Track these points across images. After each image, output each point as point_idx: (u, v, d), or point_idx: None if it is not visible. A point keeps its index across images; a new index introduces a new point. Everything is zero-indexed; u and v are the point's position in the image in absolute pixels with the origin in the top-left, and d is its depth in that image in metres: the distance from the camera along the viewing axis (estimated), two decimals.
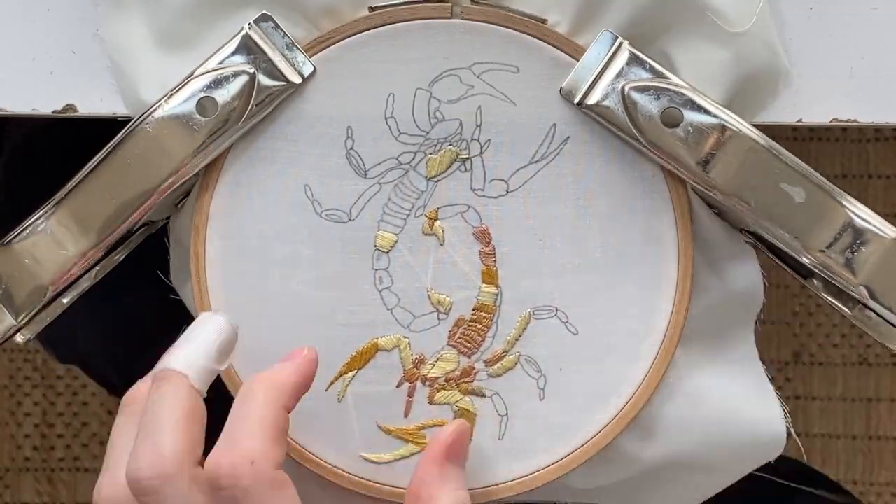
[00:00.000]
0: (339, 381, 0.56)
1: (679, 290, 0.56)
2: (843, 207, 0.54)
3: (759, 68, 0.54)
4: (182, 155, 0.54)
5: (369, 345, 0.56)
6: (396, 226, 0.56)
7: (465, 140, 0.55)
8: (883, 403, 1.20)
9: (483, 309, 0.56)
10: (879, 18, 0.56)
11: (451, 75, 0.55)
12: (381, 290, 0.56)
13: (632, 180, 0.55)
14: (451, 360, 0.56)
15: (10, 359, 1.24)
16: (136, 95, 0.55)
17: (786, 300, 1.19)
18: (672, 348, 0.56)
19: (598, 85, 0.54)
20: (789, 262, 0.56)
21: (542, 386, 0.56)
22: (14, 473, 1.24)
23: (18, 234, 0.55)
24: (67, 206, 0.55)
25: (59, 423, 1.24)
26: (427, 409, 0.56)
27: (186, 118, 0.54)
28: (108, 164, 0.54)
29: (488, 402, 0.56)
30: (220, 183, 0.56)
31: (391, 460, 0.57)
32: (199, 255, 0.56)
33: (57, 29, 0.56)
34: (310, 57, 0.55)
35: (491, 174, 0.55)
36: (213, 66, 0.54)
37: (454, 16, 0.54)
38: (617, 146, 0.55)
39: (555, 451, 0.56)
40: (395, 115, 0.55)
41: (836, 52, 0.56)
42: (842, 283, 0.54)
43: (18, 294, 0.55)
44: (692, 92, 0.54)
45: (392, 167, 0.55)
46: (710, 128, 0.53)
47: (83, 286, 0.57)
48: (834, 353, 1.19)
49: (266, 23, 0.54)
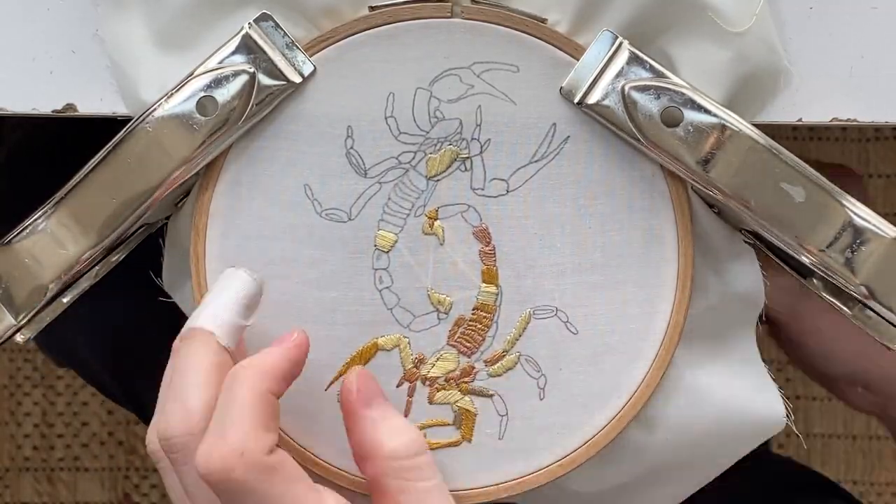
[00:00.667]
0: (339, 380, 0.56)
1: (679, 289, 0.56)
2: (843, 207, 0.54)
3: (759, 68, 0.54)
4: (182, 154, 0.54)
5: (369, 345, 0.56)
6: (396, 225, 0.56)
7: (465, 139, 0.55)
8: None
9: (483, 308, 0.56)
10: (879, 18, 0.56)
11: (451, 75, 0.55)
12: (381, 290, 0.56)
13: (632, 180, 0.55)
14: (451, 359, 0.56)
15: (10, 359, 1.24)
16: (136, 95, 0.55)
17: None
18: (672, 348, 0.56)
19: (598, 84, 0.54)
20: (789, 262, 0.56)
21: (543, 386, 0.56)
22: (14, 473, 1.24)
23: (18, 233, 0.55)
24: (67, 206, 0.55)
25: (59, 423, 1.24)
26: (427, 409, 0.57)
27: (186, 118, 0.54)
28: (108, 163, 0.54)
29: (488, 402, 0.56)
30: (220, 183, 0.56)
31: None
32: (199, 255, 0.56)
33: (57, 29, 0.56)
34: (310, 56, 0.55)
35: (491, 174, 0.55)
36: (213, 65, 0.54)
37: (454, 15, 0.54)
38: (617, 146, 0.55)
39: (555, 450, 0.56)
40: (395, 115, 0.55)
41: (836, 51, 0.56)
42: (842, 283, 0.54)
43: (18, 294, 0.55)
44: (692, 91, 0.54)
45: (392, 167, 0.55)
46: (710, 127, 0.53)
47: (83, 286, 0.57)
48: None
49: (266, 22, 0.54)
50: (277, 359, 0.50)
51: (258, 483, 0.47)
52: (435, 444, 0.56)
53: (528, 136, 0.55)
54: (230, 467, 0.47)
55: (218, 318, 0.51)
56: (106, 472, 1.24)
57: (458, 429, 0.57)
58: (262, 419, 0.48)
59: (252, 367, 0.50)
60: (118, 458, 1.24)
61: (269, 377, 0.49)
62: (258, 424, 0.48)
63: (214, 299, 0.52)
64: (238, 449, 0.47)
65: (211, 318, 0.51)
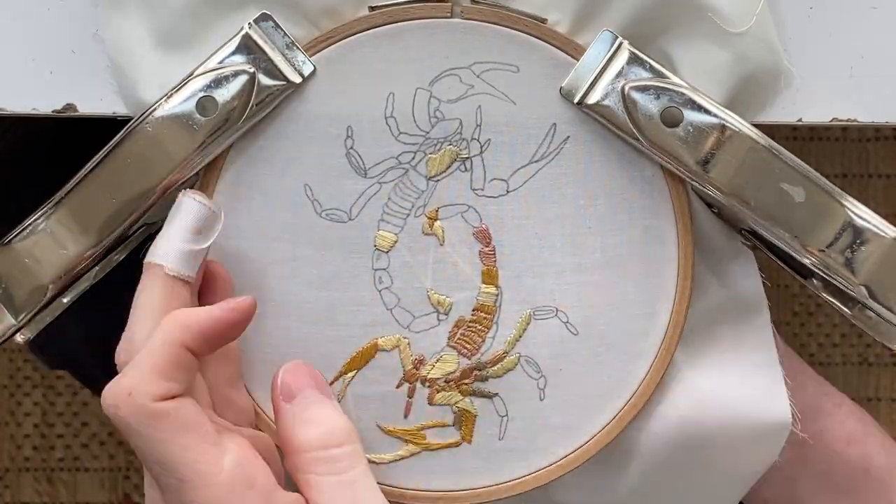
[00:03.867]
0: (339, 381, 0.56)
1: (679, 290, 0.56)
2: (843, 207, 0.54)
3: (759, 68, 0.54)
4: (182, 154, 0.54)
5: (369, 345, 0.56)
6: (396, 225, 0.56)
7: (465, 140, 0.55)
8: (883, 403, 1.20)
9: (483, 309, 0.56)
10: (879, 18, 0.56)
11: (451, 75, 0.55)
12: (380, 290, 0.56)
13: (632, 180, 0.55)
14: (451, 360, 0.56)
15: (10, 359, 1.24)
16: (136, 95, 0.55)
17: (786, 300, 1.18)
18: (672, 348, 0.56)
19: (598, 84, 0.54)
20: (789, 262, 0.56)
21: (543, 386, 0.56)
22: (14, 473, 1.24)
23: (18, 233, 0.55)
24: (67, 206, 0.55)
25: (59, 423, 1.24)
26: (427, 410, 0.56)
27: (186, 118, 0.54)
28: (108, 163, 0.54)
29: (488, 403, 0.56)
30: (220, 183, 0.56)
31: (391, 460, 0.57)
32: None
33: (57, 29, 0.56)
34: (310, 56, 0.55)
35: (491, 174, 0.55)
36: (213, 65, 0.54)
37: (454, 15, 0.54)
38: (617, 146, 0.55)
39: (555, 451, 0.56)
40: (395, 115, 0.55)
41: (836, 52, 0.56)
42: (842, 283, 0.54)
43: (18, 294, 0.55)
44: (692, 91, 0.54)
45: (392, 167, 0.55)
46: (710, 127, 0.53)
47: (83, 286, 0.57)
48: (834, 353, 1.19)
49: (266, 22, 0.54)
50: (204, 316, 0.50)
51: (141, 426, 0.48)
52: (435, 444, 0.56)
53: (528, 137, 0.55)
54: (117, 404, 0.48)
55: (166, 249, 0.52)
56: (106, 472, 1.24)
57: (458, 430, 0.57)
58: (162, 366, 0.48)
59: (175, 318, 0.50)
60: (118, 458, 1.24)
61: (189, 331, 0.49)
62: (156, 370, 0.48)
63: (164, 232, 0.53)
64: (127, 388, 0.48)
65: (160, 250, 0.52)
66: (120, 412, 0.48)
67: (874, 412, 1.19)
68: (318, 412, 0.51)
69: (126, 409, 0.48)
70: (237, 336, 0.51)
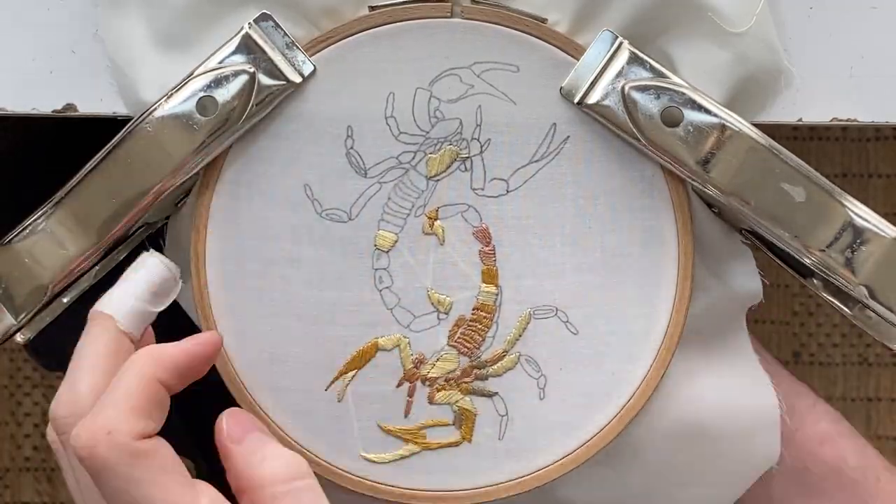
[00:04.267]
0: (339, 380, 0.56)
1: (679, 289, 0.56)
2: (843, 207, 0.54)
3: (760, 68, 0.54)
4: (182, 154, 0.54)
5: (369, 345, 0.56)
6: (396, 225, 0.56)
7: (465, 139, 0.55)
8: (883, 403, 1.20)
9: (483, 309, 0.56)
10: (879, 18, 0.56)
11: (451, 75, 0.55)
12: (381, 290, 0.56)
13: (632, 180, 0.55)
14: (451, 360, 0.56)
15: (10, 359, 1.24)
16: (136, 95, 0.55)
17: (786, 300, 1.18)
18: (672, 348, 0.56)
19: (598, 84, 0.54)
20: (789, 262, 0.56)
21: (543, 386, 0.56)
22: (14, 473, 1.24)
23: (18, 233, 0.55)
24: (67, 206, 0.55)
25: None
26: (427, 409, 0.56)
27: (186, 118, 0.54)
28: (108, 163, 0.54)
29: (488, 402, 0.56)
30: (220, 182, 0.56)
31: (391, 460, 0.57)
32: (199, 254, 0.56)
33: (57, 29, 0.56)
34: (310, 56, 0.55)
35: (491, 174, 0.55)
36: (213, 65, 0.54)
37: (454, 15, 0.54)
38: (617, 146, 0.55)
39: (555, 450, 0.56)
40: (395, 115, 0.55)
41: (836, 52, 0.56)
42: (842, 283, 0.54)
43: (18, 294, 0.55)
44: (692, 91, 0.54)
45: (392, 166, 0.55)
46: (710, 127, 0.53)
47: (83, 286, 0.57)
48: (834, 352, 1.19)
49: (266, 22, 0.54)
50: (175, 351, 0.49)
51: (121, 465, 0.47)
52: (435, 443, 0.56)
53: (528, 136, 0.55)
54: (94, 444, 0.47)
55: (121, 304, 0.51)
56: None
57: (458, 429, 0.57)
58: (139, 403, 0.48)
59: (147, 353, 0.49)
60: None
61: (162, 366, 0.49)
62: (134, 408, 0.47)
63: (121, 283, 0.52)
64: (105, 427, 0.47)
65: (114, 302, 0.51)
66: (98, 451, 0.47)
67: (874, 412, 1.19)
68: (273, 450, 0.50)
69: (106, 449, 0.47)
70: (205, 371, 0.51)
